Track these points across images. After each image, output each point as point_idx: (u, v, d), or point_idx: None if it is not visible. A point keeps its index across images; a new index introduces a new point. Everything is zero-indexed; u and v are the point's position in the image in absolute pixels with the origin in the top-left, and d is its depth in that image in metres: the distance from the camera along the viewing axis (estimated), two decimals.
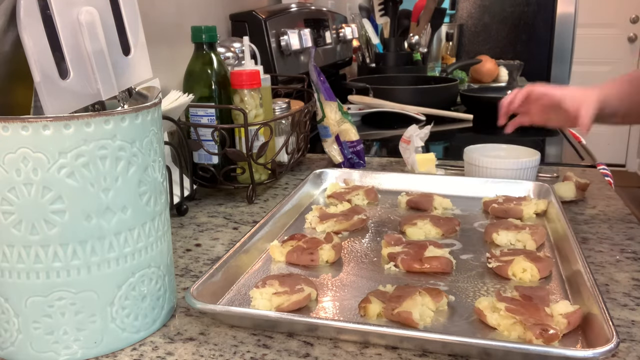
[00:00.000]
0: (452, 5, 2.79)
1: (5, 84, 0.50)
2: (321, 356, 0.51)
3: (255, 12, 1.34)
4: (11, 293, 0.48)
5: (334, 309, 0.58)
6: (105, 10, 0.52)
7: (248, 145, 0.88)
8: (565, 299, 0.59)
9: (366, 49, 2.16)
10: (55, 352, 0.49)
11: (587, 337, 0.52)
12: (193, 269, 0.68)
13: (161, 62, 1.04)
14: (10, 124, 0.44)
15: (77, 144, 0.46)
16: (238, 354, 0.51)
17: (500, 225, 0.74)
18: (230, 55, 1.13)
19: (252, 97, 0.91)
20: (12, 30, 0.47)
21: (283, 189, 0.99)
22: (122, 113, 0.48)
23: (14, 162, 0.45)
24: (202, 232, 0.80)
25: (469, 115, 1.54)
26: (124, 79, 0.54)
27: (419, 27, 2.20)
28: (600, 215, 0.84)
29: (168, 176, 0.69)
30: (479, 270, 0.66)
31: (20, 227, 0.46)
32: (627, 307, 0.58)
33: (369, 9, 2.16)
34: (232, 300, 0.59)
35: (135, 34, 0.55)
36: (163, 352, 0.52)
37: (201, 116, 0.90)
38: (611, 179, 1.08)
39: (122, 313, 0.51)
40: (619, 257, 0.70)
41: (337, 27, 1.85)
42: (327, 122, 1.05)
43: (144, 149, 0.50)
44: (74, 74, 0.49)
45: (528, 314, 0.52)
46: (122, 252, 0.50)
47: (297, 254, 0.68)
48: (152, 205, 0.52)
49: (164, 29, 1.08)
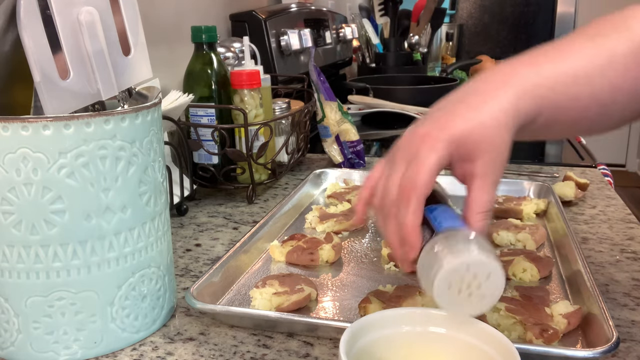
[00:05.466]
0: (452, 5, 2.79)
1: (5, 84, 0.50)
2: (321, 356, 0.51)
3: (255, 12, 1.34)
4: (11, 293, 0.48)
5: (334, 309, 0.58)
6: (105, 10, 0.52)
7: (248, 145, 0.88)
8: (565, 299, 0.59)
9: (366, 49, 2.16)
10: (55, 352, 0.49)
11: (587, 337, 0.52)
12: (193, 269, 0.68)
13: (161, 62, 1.04)
14: (10, 124, 0.44)
15: (77, 144, 0.46)
16: (238, 354, 0.51)
17: (500, 225, 0.74)
18: (230, 55, 1.13)
19: (252, 97, 0.91)
20: (12, 30, 0.47)
21: (283, 189, 0.99)
22: (122, 113, 0.48)
23: (14, 162, 0.45)
24: (202, 232, 0.80)
25: None
26: (124, 79, 0.54)
27: (419, 27, 2.20)
28: (600, 215, 0.84)
29: (168, 176, 0.69)
30: None
31: (20, 227, 0.46)
32: (627, 307, 0.58)
33: (369, 9, 2.16)
34: (232, 300, 0.59)
35: (135, 34, 0.55)
36: (163, 352, 0.52)
37: (201, 116, 0.90)
38: (611, 179, 1.08)
39: (122, 313, 0.51)
40: (619, 257, 0.70)
41: (337, 27, 1.85)
42: (327, 122, 1.05)
43: (144, 149, 0.50)
44: (74, 74, 0.49)
45: (528, 314, 0.52)
46: (122, 252, 0.50)
47: (297, 254, 0.68)
48: (152, 205, 0.52)
49: (164, 29, 1.08)
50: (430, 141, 0.43)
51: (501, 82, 0.46)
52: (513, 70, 0.47)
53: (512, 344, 0.39)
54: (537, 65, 0.47)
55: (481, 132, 0.43)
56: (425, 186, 0.43)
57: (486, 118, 0.43)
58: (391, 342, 0.42)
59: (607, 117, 0.50)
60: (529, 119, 0.46)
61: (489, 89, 0.45)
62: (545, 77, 0.46)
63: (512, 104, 0.44)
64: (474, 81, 0.48)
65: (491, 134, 0.43)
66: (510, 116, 0.44)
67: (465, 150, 0.43)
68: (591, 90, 0.47)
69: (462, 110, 0.44)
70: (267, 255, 0.70)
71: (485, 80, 0.47)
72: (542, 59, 0.48)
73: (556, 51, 0.48)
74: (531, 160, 1.18)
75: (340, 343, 0.38)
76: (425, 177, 0.42)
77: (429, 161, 0.43)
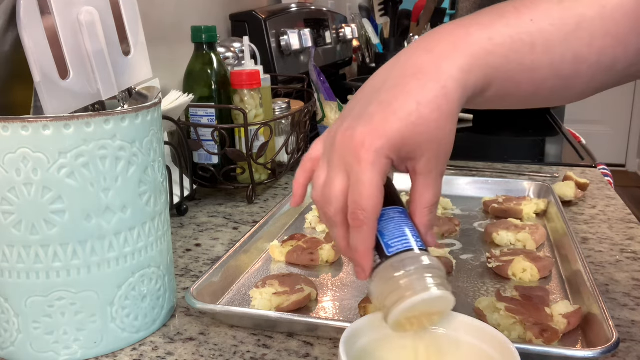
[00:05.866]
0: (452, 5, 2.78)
1: (5, 84, 0.50)
2: (321, 356, 0.51)
3: (255, 12, 1.34)
4: (11, 293, 0.48)
5: (334, 309, 0.58)
6: (105, 10, 0.52)
7: (248, 145, 0.88)
8: (565, 299, 0.59)
9: (366, 49, 2.16)
10: (55, 352, 0.49)
11: (587, 337, 0.52)
12: (193, 269, 0.68)
13: (161, 62, 1.04)
14: (10, 124, 0.44)
15: (77, 144, 0.46)
16: (238, 354, 0.51)
17: (500, 225, 0.74)
18: (230, 55, 1.13)
19: (252, 97, 0.91)
20: (12, 30, 0.47)
21: (283, 189, 0.99)
22: (122, 113, 0.48)
23: (14, 162, 0.45)
24: (202, 232, 0.80)
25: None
26: (124, 79, 0.54)
27: (419, 27, 2.20)
28: (600, 215, 0.84)
29: (168, 176, 0.69)
30: (479, 270, 0.66)
31: (20, 227, 0.46)
32: (627, 307, 0.58)
33: (369, 9, 2.16)
34: (232, 300, 0.59)
35: (135, 34, 0.55)
36: (163, 352, 0.52)
37: (201, 116, 0.90)
38: (611, 179, 1.08)
39: (122, 313, 0.51)
40: (619, 257, 0.70)
41: (337, 27, 1.85)
42: (327, 122, 1.05)
43: (144, 149, 0.50)
44: (74, 74, 0.49)
45: (528, 314, 0.52)
46: (122, 252, 0.50)
47: (297, 254, 0.68)
48: (152, 205, 0.52)
49: (164, 29, 1.08)
50: (366, 155, 0.39)
51: (449, 48, 0.41)
52: (466, 31, 0.41)
53: (512, 344, 0.39)
54: (492, 27, 0.41)
55: (421, 132, 0.39)
56: (374, 210, 0.40)
57: (426, 113, 0.39)
58: (391, 342, 0.42)
59: (567, 89, 0.45)
60: (477, 91, 0.42)
61: (433, 64, 0.40)
62: (498, 43, 0.41)
63: (458, 80, 0.40)
64: (422, 42, 0.42)
65: (432, 131, 0.39)
66: (455, 97, 0.40)
67: (405, 152, 0.40)
68: (550, 59, 0.42)
69: (400, 104, 0.39)
70: (267, 255, 0.70)
71: (431, 47, 0.41)
72: (501, 20, 0.42)
73: (516, 12, 0.42)
74: (531, 160, 1.18)
75: (340, 343, 0.38)
76: (372, 202, 0.39)
77: (373, 181, 0.39)
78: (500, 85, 0.42)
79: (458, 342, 0.41)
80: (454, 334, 0.42)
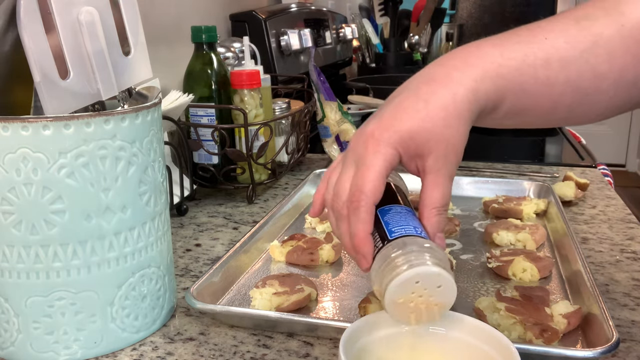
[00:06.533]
0: (452, 5, 2.78)
1: (5, 84, 0.50)
2: (321, 356, 0.51)
3: (255, 12, 1.34)
4: (11, 293, 0.48)
5: (334, 309, 0.58)
6: (105, 10, 0.52)
7: (248, 145, 0.88)
8: (565, 299, 0.59)
9: (366, 49, 2.16)
10: (55, 352, 0.49)
11: (587, 337, 0.52)
12: (193, 269, 0.68)
13: (161, 62, 1.04)
14: (10, 124, 0.44)
15: (77, 144, 0.46)
16: (238, 354, 0.51)
17: (500, 225, 0.74)
18: (230, 55, 1.13)
19: (252, 97, 0.91)
20: (12, 30, 0.47)
21: (283, 189, 0.99)
22: (122, 113, 0.48)
23: (14, 162, 0.45)
24: (202, 232, 0.80)
25: None
26: (124, 79, 0.54)
27: (419, 27, 2.20)
28: (600, 215, 0.84)
29: (168, 176, 0.69)
30: (479, 270, 0.66)
31: (20, 227, 0.46)
32: (627, 307, 0.58)
33: (369, 9, 2.16)
34: (232, 300, 0.59)
35: (135, 34, 0.55)
36: (163, 352, 0.52)
37: (201, 116, 0.90)
38: (611, 179, 1.08)
39: (122, 313, 0.51)
40: (619, 257, 0.70)
41: (337, 27, 1.85)
42: (327, 122, 1.05)
43: (144, 149, 0.50)
44: (74, 74, 0.49)
45: (528, 314, 0.52)
46: (122, 252, 0.50)
47: (297, 254, 0.68)
48: (152, 205, 0.52)
49: (164, 29, 1.08)
50: (374, 144, 0.41)
51: (461, 63, 0.43)
52: (477, 49, 0.43)
53: (512, 344, 0.39)
54: (505, 45, 0.43)
55: (428, 128, 0.41)
56: (374, 193, 0.41)
57: (434, 111, 0.41)
58: (391, 342, 0.42)
59: (589, 106, 0.46)
60: (490, 104, 0.43)
61: (444, 74, 0.42)
62: (510, 57, 0.42)
63: (469, 88, 0.41)
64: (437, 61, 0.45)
65: (440, 129, 0.41)
66: (465, 102, 0.41)
67: (414, 148, 0.41)
68: (566, 76, 0.43)
69: (410, 103, 0.42)
70: (267, 255, 0.70)
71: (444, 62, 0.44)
72: (513, 38, 0.44)
73: (529, 32, 0.44)
74: (531, 160, 1.18)
75: (340, 343, 0.38)
76: (372, 185, 0.41)
77: (375, 166, 0.41)
78: (515, 98, 0.43)
79: (458, 342, 0.41)
80: (454, 334, 0.42)
